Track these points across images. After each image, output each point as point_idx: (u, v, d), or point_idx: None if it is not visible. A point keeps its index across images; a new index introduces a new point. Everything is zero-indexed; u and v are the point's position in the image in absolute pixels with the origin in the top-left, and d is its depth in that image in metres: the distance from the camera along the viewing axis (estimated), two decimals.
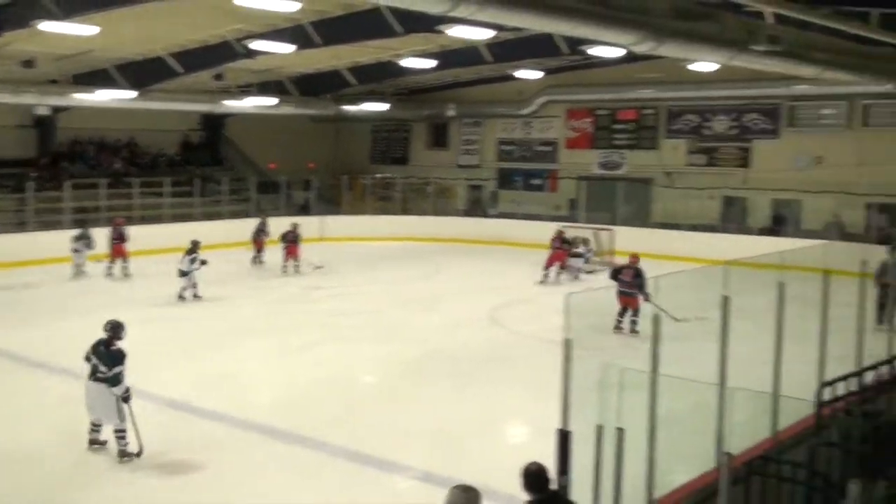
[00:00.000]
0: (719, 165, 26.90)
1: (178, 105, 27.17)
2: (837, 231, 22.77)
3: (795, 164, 24.92)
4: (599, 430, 6.44)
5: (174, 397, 11.37)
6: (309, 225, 27.74)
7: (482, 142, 32.48)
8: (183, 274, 18.23)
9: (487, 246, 26.91)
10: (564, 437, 6.51)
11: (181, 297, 18.24)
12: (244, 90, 27.19)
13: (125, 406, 9.27)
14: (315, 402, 11.55)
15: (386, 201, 31.32)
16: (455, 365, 13.50)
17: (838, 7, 11.75)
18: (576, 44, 17.40)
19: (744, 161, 26.46)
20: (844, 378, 8.07)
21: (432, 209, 30.49)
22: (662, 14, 9.80)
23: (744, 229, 25.13)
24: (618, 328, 15.09)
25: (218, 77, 24.43)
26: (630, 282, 15.11)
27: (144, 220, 24.88)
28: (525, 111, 30.48)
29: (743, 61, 11.83)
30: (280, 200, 28.97)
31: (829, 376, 8.38)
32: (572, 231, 24.21)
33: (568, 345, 6.65)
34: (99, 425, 9.49)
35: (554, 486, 5.90)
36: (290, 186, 29.70)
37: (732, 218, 26.09)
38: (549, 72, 27.27)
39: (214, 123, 31.85)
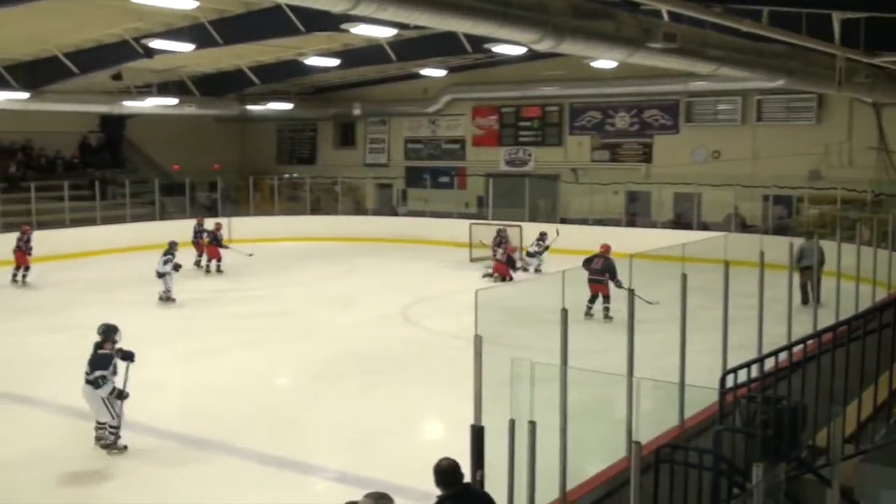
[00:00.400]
0: (622, 161, 27.44)
1: (74, 106, 26.31)
2: (737, 223, 23.49)
3: (694, 158, 25.63)
4: (512, 425, 6.50)
5: (80, 406, 11.04)
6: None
7: (389, 140, 32.43)
8: (159, 275, 18.27)
9: (398, 244, 26.89)
10: (478, 433, 6.55)
11: (161, 299, 18.31)
12: (144, 90, 26.53)
13: (117, 403, 9.55)
14: (227, 406, 11.38)
15: (294, 202, 30.96)
16: (369, 364, 13.45)
17: (729, 5, 12.10)
18: (479, 42, 17.51)
19: (646, 156, 27.07)
20: (746, 365, 8.31)
21: (341, 209, 30.33)
22: (562, 12, 9.91)
23: (648, 223, 25.72)
24: (588, 314, 15.46)
25: (116, 77, 23.77)
26: (600, 269, 15.54)
27: (43, 226, 24.04)
28: (431, 109, 30.56)
29: (641, 58, 12.05)
30: (185, 202, 28.38)
31: (731, 364, 8.64)
32: (483, 229, 24.43)
33: (478, 341, 6.69)
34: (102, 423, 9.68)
35: (467, 480, 5.92)
36: (194, 188, 29.12)
37: (637, 212, 26.69)
38: (453, 70, 27.39)
39: (114, 124, 30.97)
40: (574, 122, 28.37)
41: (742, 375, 8.20)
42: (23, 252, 20.52)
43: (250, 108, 30.01)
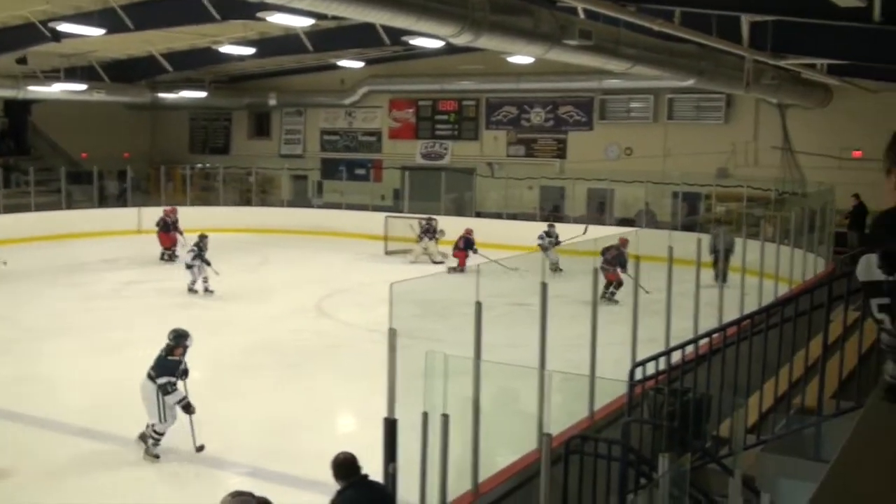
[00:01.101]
0: (537, 156, 27.73)
1: None
2: (648, 219, 23.98)
3: (607, 154, 26.07)
4: (425, 418, 6.54)
5: None
6: (125, 217, 26.75)
7: (305, 131, 32.12)
8: (188, 267, 18.26)
9: (313, 236, 26.67)
10: (391, 426, 6.57)
11: (191, 290, 18.21)
12: (51, 75, 25.72)
13: (174, 410, 9.38)
14: (136, 400, 11.06)
15: (207, 192, 30.42)
16: (283, 357, 13.34)
17: (643, 5, 12.35)
18: (397, 34, 17.47)
19: (560, 152, 27.39)
20: (654, 358, 8.51)
21: (256, 200, 29.92)
22: (480, 7, 9.99)
23: (562, 218, 26.04)
24: (610, 299, 15.57)
25: (21, 61, 23.00)
26: (611, 259, 15.83)
27: None
28: (348, 101, 30.34)
29: (557, 55, 12.21)
30: (92, 191, 27.63)
31: (640, 357, 8.84)
32: (399, 222, 24.41)
33: (392, 334, 6.71)
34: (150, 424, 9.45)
35: (364, 472, 5.97)
36: (103, 177, 28.37)
37: (551, 207, 26.99)
38: (371, 62, 27.26)
39: (19, 110, 29.90)
40: (490, 116, 28.54)
41: (650, 368, 8.39)
42: None
43: (162, 95, 29.33)
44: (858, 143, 20.00)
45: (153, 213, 26.06)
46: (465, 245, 21.65)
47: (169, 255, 22.57)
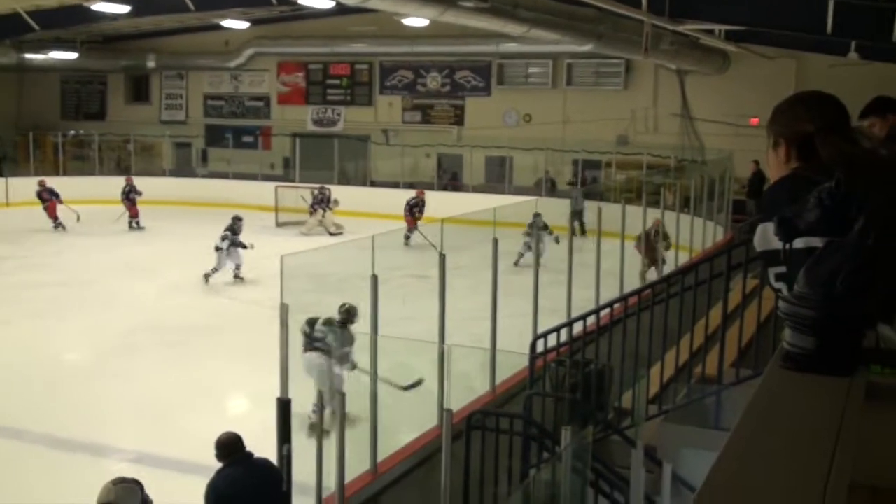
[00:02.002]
0: (434, 122, 27.46)
1: None
2: (548, 187, 24.04)
3: (505, 121, 26.00)
4: (320, 396, 6.38)
5: None
6: None
7: (188, 96, 31.00)
8: (216, 249, 16.76)
9: (199, 207, 25.74)
10: (284, 406, 6.42)
11: (207, 277, 16.48)
12: None
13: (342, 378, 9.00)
14: (8, 385, 10.46)
15: (82, 161, 29.11)
16: (170, 336, 12.78)
17: None
18: None
19: (458, 118, 27.19)
20: (555, 330, 8.45)
21: (135, 169, 28.68)
22: None
23: (460, 186, 25.94)
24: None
25: None
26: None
27: None
28: (233, 64, 29.37)
29: (453, 17, 12.01)
30: None
31: (542, 329, 8.77)
32: (290, 191, 23.86)
33: (284, 309, 6.50)
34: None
35: (249, 451, 5.86)
36: None
37: (450, 176, 26.84)
38: (256, 22, 26.40)
39: None
40: (385, 81, 28.09)
41: (552, 340, 8.33)
42: None
43: (29, 56, 27.83)
44: (756, 110, 20.39)
45: (21, 185, 24.76)
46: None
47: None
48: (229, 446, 5.79)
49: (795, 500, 1.27)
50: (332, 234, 21.80)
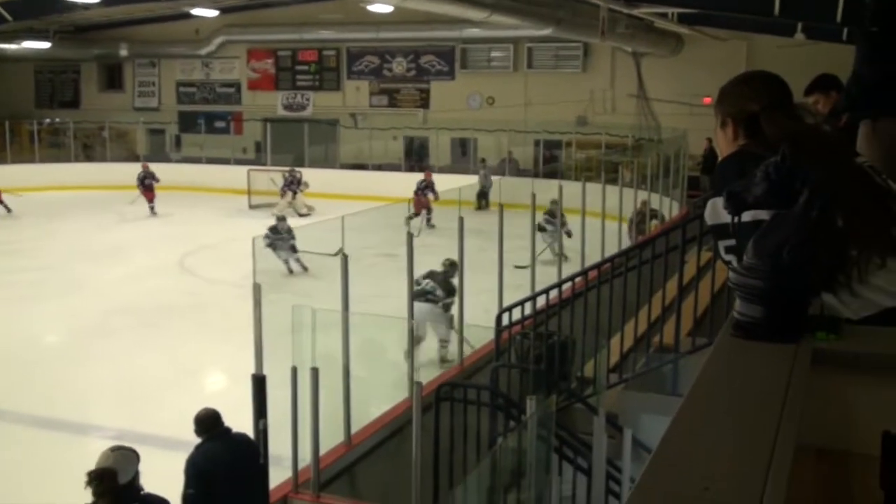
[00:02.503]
0: (400, 106, 27.59)
1: None
2: (511, 167, 24.30)
3: (469, 104, 26.19)
4: (294, 372, 6.50)
5: None
6: None
7: (160, 83, 30.90)
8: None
9: (172, 192, 25.73)
10: (259, 382, 6.51)
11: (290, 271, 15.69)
12: None
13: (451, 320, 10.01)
14: None
15: (57, 148, 28.95)
16: (145, 316, 12.91)
17: None
18: None
19: (423, 102, 27.34)
20: (520, 304, 8.68)
21: (110, 155, 28.65)
22: None
23: (427, 167, 26.09)
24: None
25: None
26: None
27: None
28: (203, 51, 29.33)
29: (416, 3, 12.17)
30: None
31: (507, 303, 9.00)
32: (262, 175, 23.92)
33: (257, 289, 6.62)
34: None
35: (227, 427, 5.89)
36: None
37: (415, 157, 27.02)
38: (225, 10, 26.31)
39: None
40: (352, 66, 28.17)
41: (516, 314, 8.56)
42: None
43: (2, 46, 27.58)
44: (708, 90, 20.66)
45: None
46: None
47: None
48: (207, 422, 5.78)
49: (744, 462, 1.29)
50: (301, 215, 21.87)
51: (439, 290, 10.53)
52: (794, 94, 2.23)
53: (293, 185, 22.68)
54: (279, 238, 15.58)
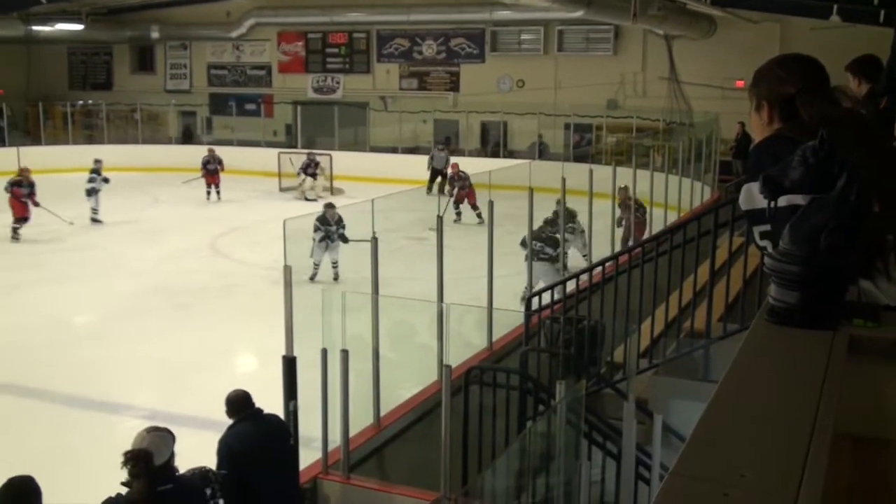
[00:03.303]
0: (430, 89, 27.55)
1: None
2: (542, 150, 24.21)
3: (499, 87, 26.09)
4: (324, 354, 6.53)
5: None
6: (4, 157, 25.46)
7: (192, 66, 31.07)
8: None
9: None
10: (290, 364, 6.54)
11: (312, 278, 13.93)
12: None
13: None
14: (22, 348, 10.72)
15: (90, 130, 29.22)
16: (177, 298, 13.06)
17: None
18: None
19: (453, 85, 27.27)
20: (550, 288, 8.67)
21: (142, 137, 28.91)
22: None
23: (456, 151, 26.06)
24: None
25: None
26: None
27: None
28: (234, 34, 29.42)
29: None
30: None
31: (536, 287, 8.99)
32: (293, 157, 24.01)
33: (287, 271, 6.65)
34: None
35: (259, 407, 5.92)
36: None
37: (446, 140, 26.94)
38: None
39: None
40: (382, 49, 28.13)
41: (546, 298, 8.55)
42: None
43: (36, 28, 27.85)
44: (741, 73, 20.42)
45: (33, 154, 24.93)
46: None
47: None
48: (239, 403, 5.81)
49: (781, 450, 1.28)
50: (307, 199, 21.88)
51: (548, 247, 10.83)
52: (831, 78, 2.20)
53: (310, 167, 22.75)
54: (330, 231, 13.82)
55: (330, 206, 14.38)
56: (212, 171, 22.38)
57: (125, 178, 23.50)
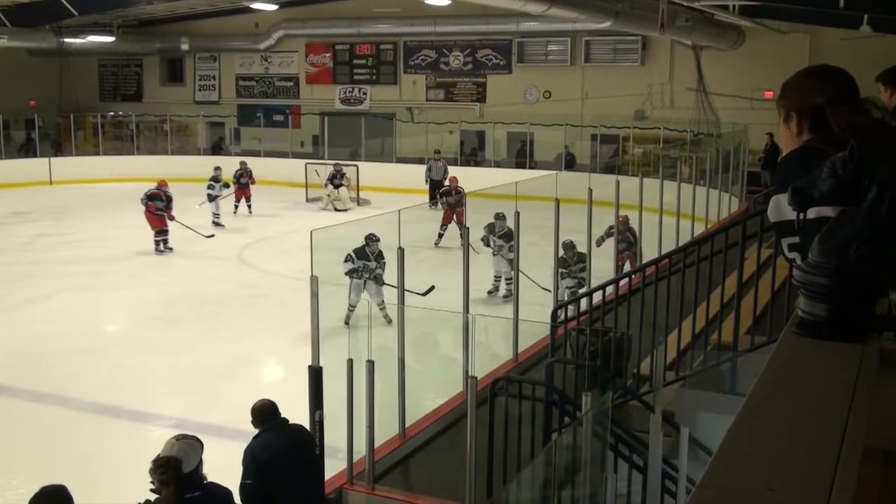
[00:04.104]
0: (457, 100, 27.60)
1: None
2: (567, 161, 24.17)
3: (526, 98, 26.09)
4: (350, 364, 6.54)
5: None
6: (35, 168, 25.85)
7: (220, 77, 31.34)
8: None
9: (231, 184, 26.17)
10: (316, 374, 6.56)
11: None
12: None
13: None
14: (53, 356, 10.86)
15: (120, 141, 29.55)
16: (205, 307, 13.16)
17: None
18: None
19: (480, 96, 27.31)
20: (576, 300, 8.64)
21: (171, 148, 29.19)
22: None
23: (483, 162, 26.10)
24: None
25: None
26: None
27: None
28: (263, 46, 29.66)
29: None
30: None
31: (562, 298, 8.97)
32: (320, 168, 24.13)
33: (314, 281, 6.67)
34: None
35: (284, 417, 5.94)
36: (8, 126, 27.30)
37: (472, 151, 27.00)
38: (285, 5, 26.57)
39: None
40: (408, 60, 28.23)
41: (572, 309, 8.51)
42: None
43: (68, 40, 28.22)
44: (770, 84, 20.36)
45: (64, 164, 25.26)
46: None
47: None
48: (265, 412, 5.83)
49: (810, 463, 1.26)
50: (337, 210, 22.01)
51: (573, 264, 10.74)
52: (860, 88, 2.18)
53: (336, 178, 22.84)
54: (369, 266, 11.48)
55: (373, 238, 11.50)
56: (244, 185, 22.22)
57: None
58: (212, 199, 19.89)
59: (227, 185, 19.99)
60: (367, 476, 6.61)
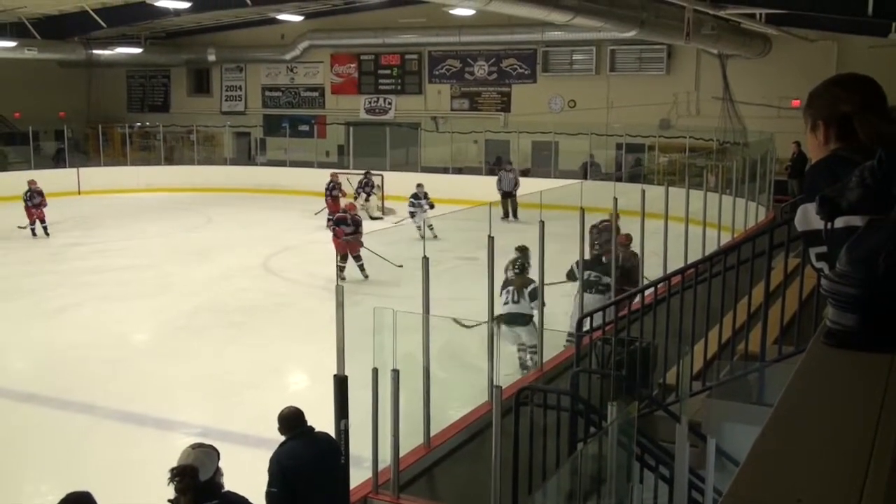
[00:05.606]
0: (482, 109, 27.65)
1: None
2: (593, 170, 24.12)
3: (551, 107, 26.09)
4: (375, 374, 6.54)
5: None
6: (64, 178, 26.13)
7: (246, 88, 31.60)
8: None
9: (257, 194, 26.38)
10: (341, 383, 6.55)
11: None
12: None
13: None
14: (80, 363, 10.98)
15: (147, 151, 29.85)
16: (230, 316, 13.24)
17: None
18: None
19: (504, 105, 27.34)
20: (601, 309, 8.59)
21: (198, 158, 29.44)
22: None
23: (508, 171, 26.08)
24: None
25: None
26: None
27: None
28: (288, 56, 29.88)
29: (498, 6, 12.15)
30: (29, 152, 26.93)
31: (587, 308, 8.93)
32: (344, 178, 24.22)
33: (339, 290, 6.68)
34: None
35: (311, 426, 5.96)
36: (38, 137, 27.63)
37: (496, 160, 26.99)
38: (310, 16, 26.81)
39: None
40: (433, 70, 28.33)
41: (598, 319, 8.47)
42: None
43: (97, 52, 28.56)
44: (797, 93, 20.23)
45: (92, 175, 25.53)
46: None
47: (44, 228, 18.83)
48: (291, 420, 5.85)
49: (838, 475, 1.24)
50: (373, 218, 22.08)
51: (605, 278, 10.54)
52: (889, 97, 2.17)
53: (367, 187, 22.93)
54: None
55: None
56: (335, 199, 21.53)
57: (180, 198, 23.94)
58: (413, 215, 19.94)
59: (432, 206, 19.67)
60: (391, 485, 6.60)
